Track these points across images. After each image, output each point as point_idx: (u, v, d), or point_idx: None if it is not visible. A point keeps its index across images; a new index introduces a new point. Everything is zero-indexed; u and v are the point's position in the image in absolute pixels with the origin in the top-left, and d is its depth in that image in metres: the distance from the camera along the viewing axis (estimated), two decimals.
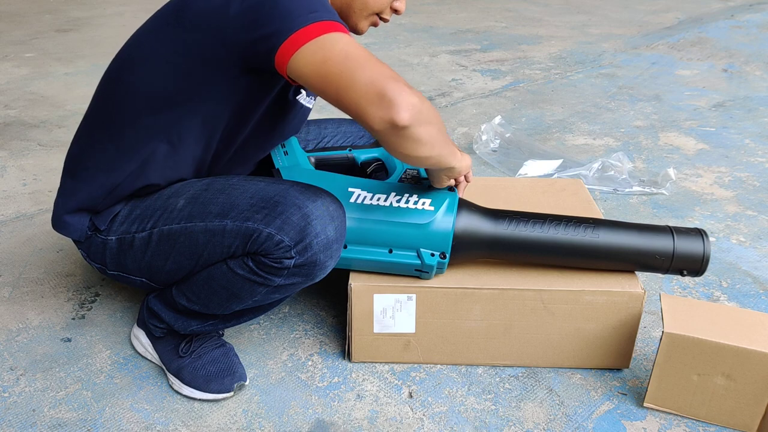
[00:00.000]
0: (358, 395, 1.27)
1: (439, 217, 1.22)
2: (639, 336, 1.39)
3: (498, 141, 2.40)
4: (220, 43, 1.03)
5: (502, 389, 1.29)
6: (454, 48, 3.87)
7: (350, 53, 0.95)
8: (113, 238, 1.19)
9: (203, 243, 1.11)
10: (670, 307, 1.21)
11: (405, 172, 1.33)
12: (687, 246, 1.24)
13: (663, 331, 1.15)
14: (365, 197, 1.23)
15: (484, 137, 2.39)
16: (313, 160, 1.40)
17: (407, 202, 1.23)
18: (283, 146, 1.34)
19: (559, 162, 2.22)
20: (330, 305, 1.52)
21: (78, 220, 1.21)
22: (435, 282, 1.26)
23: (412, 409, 1.24)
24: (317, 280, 1.12)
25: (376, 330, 1.30)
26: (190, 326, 1.24)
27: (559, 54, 3.77)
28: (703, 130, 2.64)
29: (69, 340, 1.40)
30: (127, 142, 1.14)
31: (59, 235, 1.21)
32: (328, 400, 1.25)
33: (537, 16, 4.79)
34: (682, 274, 1.26)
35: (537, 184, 1.65)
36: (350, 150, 1.42)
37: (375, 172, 1.41)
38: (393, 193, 1.24)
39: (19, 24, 4.34)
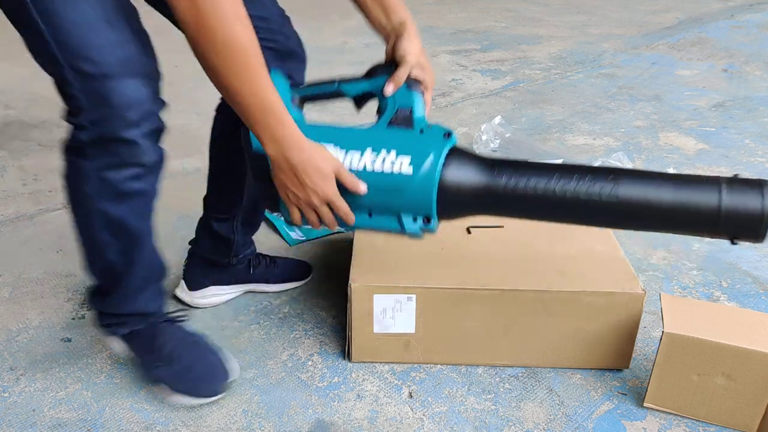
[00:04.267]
0: (358, 395, 1.27)
1: (420, 179, 1.05)
2: (639, 336, 1.39)
3: (498, 141, 2.40)
4: None
5: (502, 389, 1.29)
6: (454, 48, 3.87)
7: None
8: None
9: None
10: (670, 307, 1.21)
11: (396, 112, 1.13)
12: (739, 201, 1.00)
13: (663, 331, 1.15)
14: (337, 156, 1.08)
15: (484, 137, 2.39)
16: (297, 97, 1.23)
17: (383, 162, 1.07)
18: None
19: (559, 162, 2.21)
20: (330, 305, 1.52)
21: None
22: (435, 282, 1.26)
23: (412, 409, 1.24)
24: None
25: (376, 330, 1.30)
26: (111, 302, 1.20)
27: (559, 54, 3.77)
28: (703, 130, 2.64)
29: (69, 340, 1.40)
30: None
31: (59, 234, 1.21)
32: (328, 400, 1.25)
33: (537, 16, 4.79)
34: (733, 241, 1.01)
35: None
36: (338, 84, 1.19)
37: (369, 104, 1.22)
38: (369, 149, 1.09)
39: None
